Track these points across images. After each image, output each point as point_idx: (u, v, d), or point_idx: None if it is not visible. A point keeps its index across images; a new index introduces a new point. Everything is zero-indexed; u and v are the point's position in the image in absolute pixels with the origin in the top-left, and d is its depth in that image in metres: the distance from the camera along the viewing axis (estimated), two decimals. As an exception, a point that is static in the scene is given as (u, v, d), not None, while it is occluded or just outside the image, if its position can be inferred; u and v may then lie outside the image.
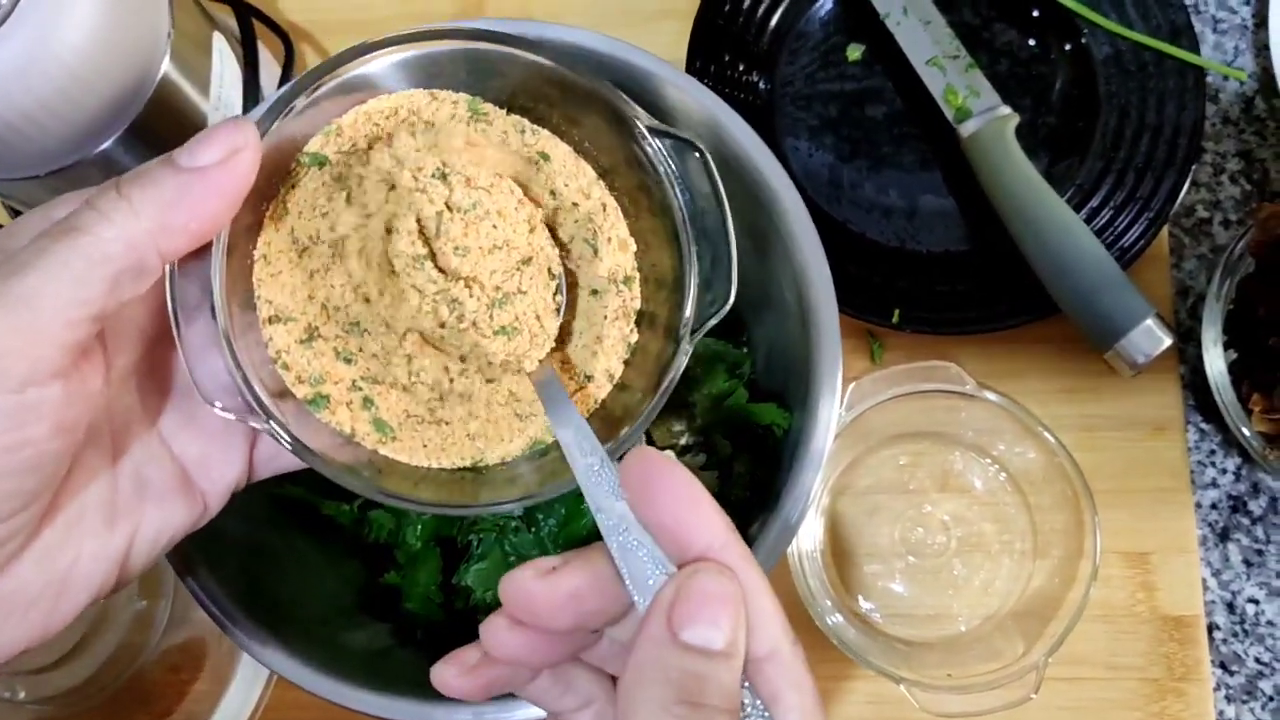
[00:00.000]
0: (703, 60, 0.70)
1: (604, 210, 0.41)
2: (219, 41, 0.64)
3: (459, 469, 0.40)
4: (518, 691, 0.36)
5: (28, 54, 0.51)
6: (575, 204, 0.41)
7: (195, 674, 0.66)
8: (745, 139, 0.49)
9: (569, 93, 0.39)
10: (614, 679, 0.36)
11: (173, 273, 0.35)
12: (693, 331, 0.39)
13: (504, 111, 0.40)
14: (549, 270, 0.41)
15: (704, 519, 0.32)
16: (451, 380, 0.40)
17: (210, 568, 0.48)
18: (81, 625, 0.66)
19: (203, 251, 0.35)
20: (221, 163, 0.33)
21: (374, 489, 0.37)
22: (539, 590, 0.33)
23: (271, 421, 0.36)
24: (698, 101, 0.49)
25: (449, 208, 0.38)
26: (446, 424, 0.40)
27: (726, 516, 0.32)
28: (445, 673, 0.35)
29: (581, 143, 0.41)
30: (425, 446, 0.39)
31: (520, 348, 0.39)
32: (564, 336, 0.42)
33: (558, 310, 0.41)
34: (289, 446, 0.36)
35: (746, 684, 0.31)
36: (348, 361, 0.39)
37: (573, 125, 0.41)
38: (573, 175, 0.41)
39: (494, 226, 0.38)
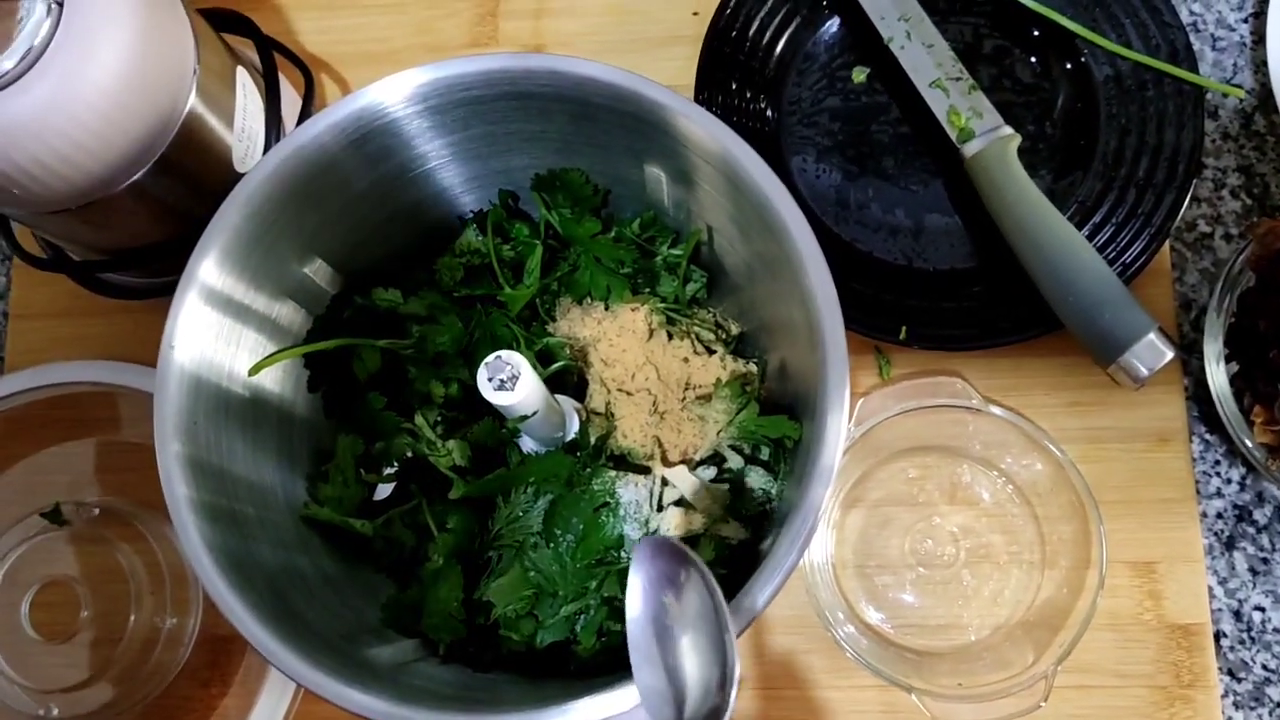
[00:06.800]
0: (710, 87, 0.72)
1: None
2: (242, 75, 0.66)
3: None
4: None
5: (56, 97, 0.53)
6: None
7: (224, 689, 0.68)
8: (755, 169, 0.50)
9: None
10: None
11: None
12: None
13: None
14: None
15: None
16: None
17: (241, 589, 0.50)
18: (113, 643, 0.68)
19: None
20: None
21: None
22: None
23: None
24: (708, 132, 0.51)
25: None
26: None
27: None
28: None
29: None
30: None
31: None
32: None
33: None
34: None
35: None
36: None
37: None
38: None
39: None
